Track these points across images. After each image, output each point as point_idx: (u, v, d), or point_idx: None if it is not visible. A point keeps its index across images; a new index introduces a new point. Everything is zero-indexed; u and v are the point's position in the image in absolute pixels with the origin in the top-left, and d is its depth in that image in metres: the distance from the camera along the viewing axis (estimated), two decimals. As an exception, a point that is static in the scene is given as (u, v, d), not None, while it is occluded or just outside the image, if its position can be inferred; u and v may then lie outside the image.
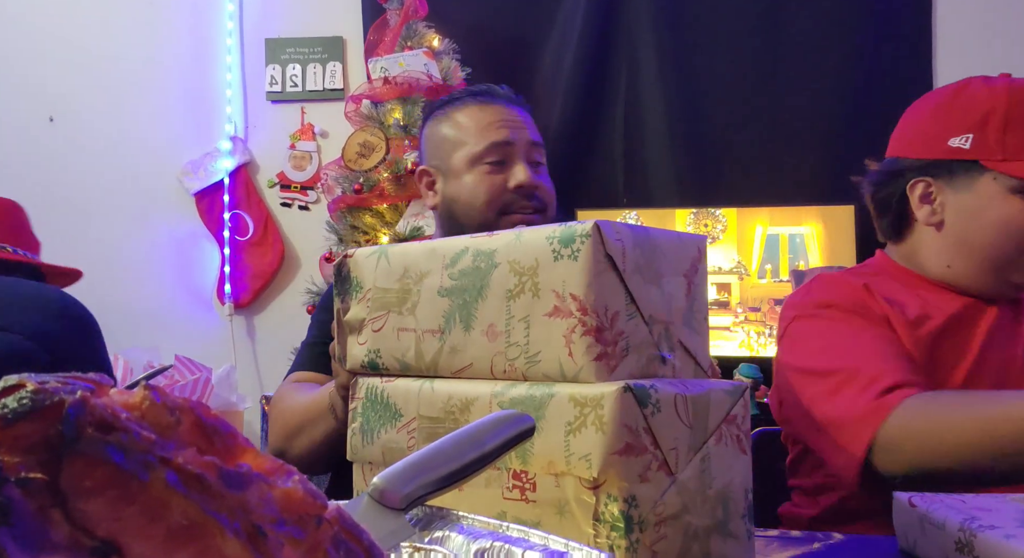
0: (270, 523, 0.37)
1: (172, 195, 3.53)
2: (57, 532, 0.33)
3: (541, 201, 1.51)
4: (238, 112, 3.57)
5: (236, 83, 3.57)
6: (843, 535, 1.00)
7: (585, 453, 0.72)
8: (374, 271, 0.94)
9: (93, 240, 3.46)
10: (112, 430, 0.35)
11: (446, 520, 0.64)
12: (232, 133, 3.53)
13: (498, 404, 0.79)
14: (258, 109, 3.59)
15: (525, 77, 3.24)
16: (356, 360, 0.96)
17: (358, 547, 0.41)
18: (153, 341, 3.18)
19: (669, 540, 0.74)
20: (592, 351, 0.74)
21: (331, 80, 3.53)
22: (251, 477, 0.38)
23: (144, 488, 0.34)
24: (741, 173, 3.19)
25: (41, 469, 0.33)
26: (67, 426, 0.34)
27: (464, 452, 0.59)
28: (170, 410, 0.38)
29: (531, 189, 1.49)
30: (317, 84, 3.54)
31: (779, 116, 3.14)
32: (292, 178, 3.54)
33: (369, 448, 0.92)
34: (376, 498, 0.56)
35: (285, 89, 3.55)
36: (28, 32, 3.63)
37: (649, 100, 3.25)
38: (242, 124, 3.58)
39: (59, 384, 0.36)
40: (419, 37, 3.18)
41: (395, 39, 3.19)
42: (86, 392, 0.36)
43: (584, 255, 0.75)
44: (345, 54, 3.53)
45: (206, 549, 0.35)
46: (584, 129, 3.23)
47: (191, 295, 3.57)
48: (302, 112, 3.53)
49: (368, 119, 3.17)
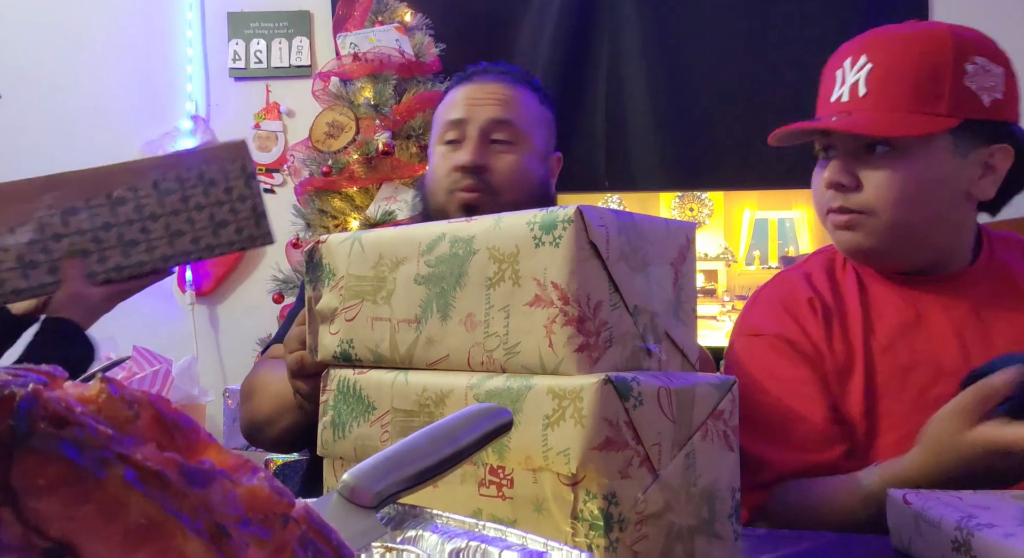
0: (234, 522, 0.37)
1: (129, 177, 3.50)
2: (7, 532, 0.33)
3: (488, 183, 1.47)
4: (199, 90, 3.54)
5: (197, 59, 3.54)
6: (834, 535, 1.01)
7: (563, 448, 0.72)
8: (347, 258, 0.94)
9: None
10: (66, 425, 0.34)
11: (419, 519, 0.64)
12: (193, 112, 3.51)
13: (474, 397, 0.79)
14: (220, 87, 3.56)
15: (502, 54, 3.23)
16: (328, 351, 0.96)
17: (327, 547, 0.41)
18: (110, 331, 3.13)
19: (651, 540, 0.74)
20: (573, 342, 0.74)
21: (298, 56, 3.51)
22: (214, 474, 0.38)
23: (100, 486, 0.34)
24: (728, 154, 3.20)
25: (-10, 466, 0.33)
26: (18, 420, 0.34)
27: (438, 447, 0.59)
28: (128, 404, 0.38)
29: (471, 169, 1.47)
30: (283, 60, 3.51)
31: (768, 95, 3.15)
32: (257, 160, 3.52)
33: (341, 443, 0.92)
34: (346, 496, 0.56)
35: (249, 66, 3.52)
36: (-25, 3, 3.59)
37: (632, 79, 3.25)
38: (203, 102, 3.55)
39: (10, 376, 0.36)
40: (390, 11, 3.17)
41: (365, 13, 3.17)
42: (39, 385, 0.35)
43: (566, 242, 0.75)
44: (312, 29, 3.51)
45: (166, 550, 0.35)
46: (564, 109, 3.22)
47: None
48: (267, 90, 3.51)
49: (337, 97, 3.15)
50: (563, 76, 3.26)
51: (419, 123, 3.02)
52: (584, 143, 3.28)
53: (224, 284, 3.52)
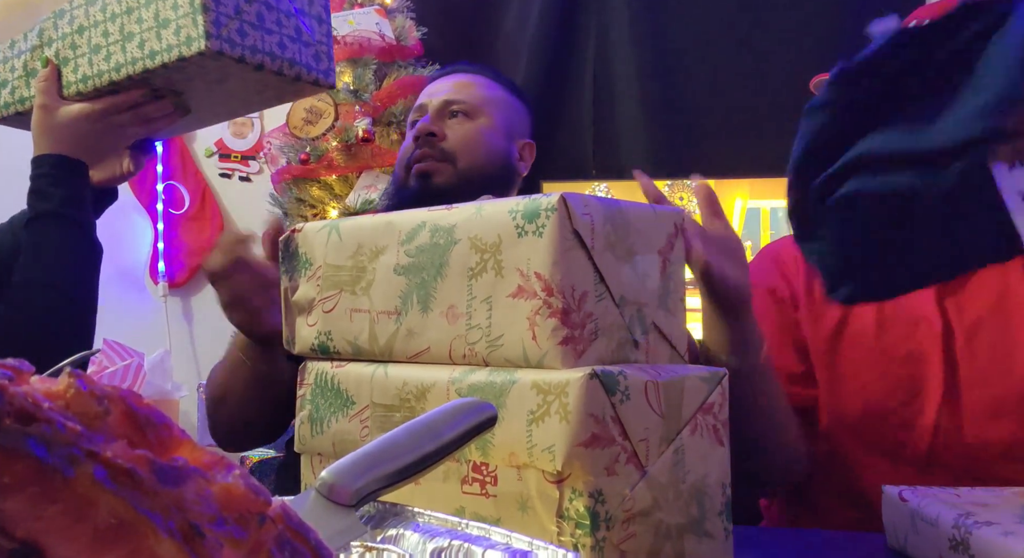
0: (208, 522, 0.37)
1: (99, 164, 3.48)
2: (-28, 533, 0.33)
3: (442, 150, 1.54)
4: (172, 73, 3.52)
5: (170, 41, 3.52)
6: (828, 533, 1.01)
7: (548, 444, 0.72)
8: (325, 247, 0.93)
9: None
10: (33, 421, 0.34)
11: (400, 517, 0.64)
12: (165, 96, 3.49)
13: (456, 391, 0.79)
14: (194, 70, 3.54)
15: (486, 38, 3.22)
16: (305, 343, 0.96)
17: (304, 547, 0.41)
18: (79, 324, 3.13)
19: (639, 539, 0.74)
20: (557, 334, 0.74)
21: (274, 39, 3.49)
22: (187, 472, 0.37)
23: (68, 484, 0.34)
24: (719, 142, 3.19)
25: (-46, 464, 0.33)
26: (-17, 417, 0.34)
27: (420, 443, 0.59)
28: (98, 399, 0.38)
29: (424, 135, 1.55)
30: (259, 43, 3.49)
31: (759, 81, 3.15)
32: (232, 147, 3.50)
33: (319, 438, 0.92)
34: (324, 494, 0.55)
35: (224, 48, 3.50)
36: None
37: (620, 64, 3.24)
38: (176, 86, 3.53)
39: (-26, 371, 0.35)
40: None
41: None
42: (3, 379, 0.35)
43: (549, 231, 0.75)
44: (290, 11, 3.49)
45: (137, 550, 0.35)
46: (549, 95, 3.22)
47: (121, 273, 3.53)
48: (243, 74, 3.49)
49: (315, 82, 3.14)
50: (549, 61, 3.25)
51: (400, 109, 3.01)
52: (571, 130, 3.27)
53: (198, 275, 3.50)
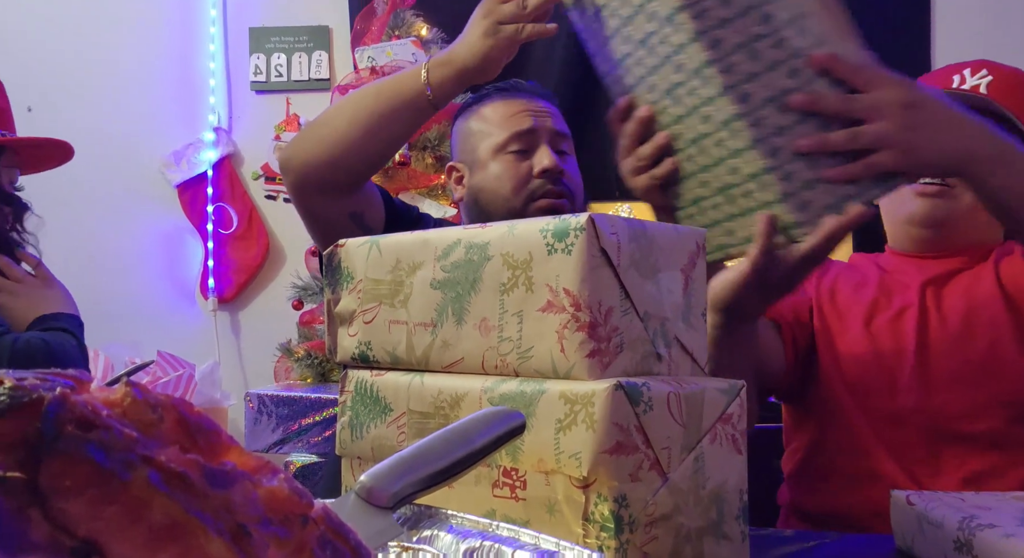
0: (255, 523, 0.37)
1: (154, 187, 3.50)
2: (36, 532, 0.33)
3: (567, 187, 1.53)
4: (221, 102, 3.55)
5: (219, 72, 3.55)
6: (839, 534, 1.00)
7: (575, 451, 0.72)
8: (365, 261, 0.94)
9: (73, 233, 3.44)
10: (93, 428, 0.35)
11: (435, 519, 0.64)
12: (216, 124, 3.51)
13: (488, 400, 0.79)
14: (242, 99, 3.56)
15: (514, 65, 3.19)
16: (346, 352, 0.96)
17: (345, 547, 0.41)
18: (135, 337, 3.16)
19: (660, 541, 0.74)
20: (585, 348, 0.74)
21: (317, 70, 3.51)
22: (235, 475, 0.38)
23: (125, 487, 0.34)
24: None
25: (19, 468, 0.33)
26: (46, 424, 0.34)
27: (453, 449, 0.59)
28: (152, 407, 0.38)
29: (556, 173, 1.51)
30: (303, 74, 3.52)
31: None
32: (277, 170, 3.52)
33: (359, 443, 0.92)
34: (363, 496, 0.56)
35: (270, 79, 3.53)
36: (4, 20, 3.60)
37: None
38: (226, 114, 3.56)
39: (38, 381, 0.36)
40: (407, 26, 3.17)
41: (382, 28, 3.18)
42: (66, 389, 0.35)
43: (578, 249, 0.75)
44: (331, 43, 3.52)
45: (189, 549, 0.35)
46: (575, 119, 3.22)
47: (174, 289, 3.55)
48: (287, 103, 3.51)
49: (355, 110, 3.15)
50: (575, 86, 3.25)
51: (435, 134, 3.02)
52: (595, 153, 3.27)
53: (245, 291, 3.52)
